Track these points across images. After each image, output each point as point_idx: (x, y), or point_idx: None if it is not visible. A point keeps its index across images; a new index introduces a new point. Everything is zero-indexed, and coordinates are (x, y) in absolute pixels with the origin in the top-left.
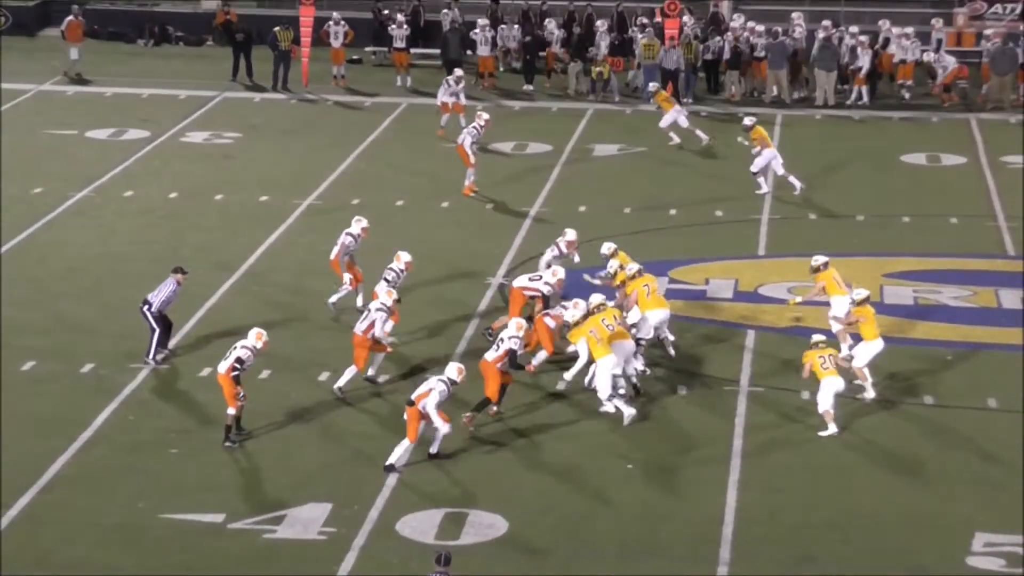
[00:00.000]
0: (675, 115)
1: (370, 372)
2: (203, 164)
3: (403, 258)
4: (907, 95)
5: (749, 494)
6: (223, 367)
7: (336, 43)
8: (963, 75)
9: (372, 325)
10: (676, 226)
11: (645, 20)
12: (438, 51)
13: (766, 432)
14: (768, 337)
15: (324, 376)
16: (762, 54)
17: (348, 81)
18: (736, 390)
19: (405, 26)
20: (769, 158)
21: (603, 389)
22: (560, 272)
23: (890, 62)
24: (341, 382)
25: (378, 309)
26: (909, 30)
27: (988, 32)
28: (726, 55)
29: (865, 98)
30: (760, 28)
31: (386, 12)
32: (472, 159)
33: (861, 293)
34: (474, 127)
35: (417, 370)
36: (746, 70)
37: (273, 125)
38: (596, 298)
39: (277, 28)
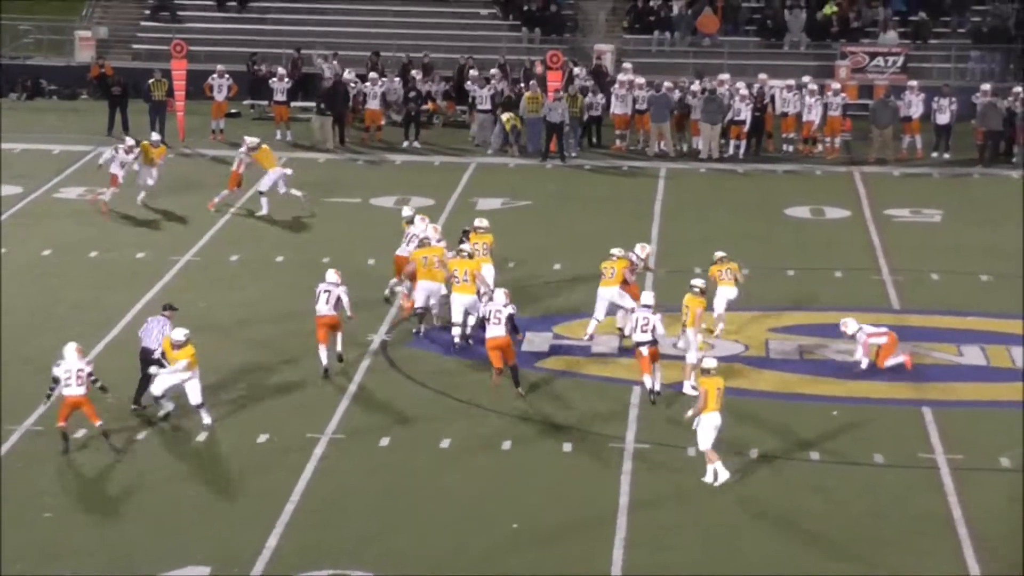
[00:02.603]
0: (276, 176)
1: (338, 349)
2: (77, 221)
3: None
4: (790, 148)
5: (637, 552)
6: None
7: (220, 96)
8: (847, 128)
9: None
10: (561, 280)
11: (494, 74)
12: (320, 104)
13: (653, 489)
14: (666, 395)
15: (202, 437)
16: (644, 107)
17: (227, 135)
18: (622, 447)
19: (286, 79)
20: (275, 178)
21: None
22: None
23: (771, 116)
24: (326, 360)
25: (329, 287)
26: (791, 82)
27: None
28: (613, 109)
29: (742, 151)
30: (641, 81)
31: (262, 66)
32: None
33: (709, 362)
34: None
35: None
36: (630, 123)
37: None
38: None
39: (151, 80)
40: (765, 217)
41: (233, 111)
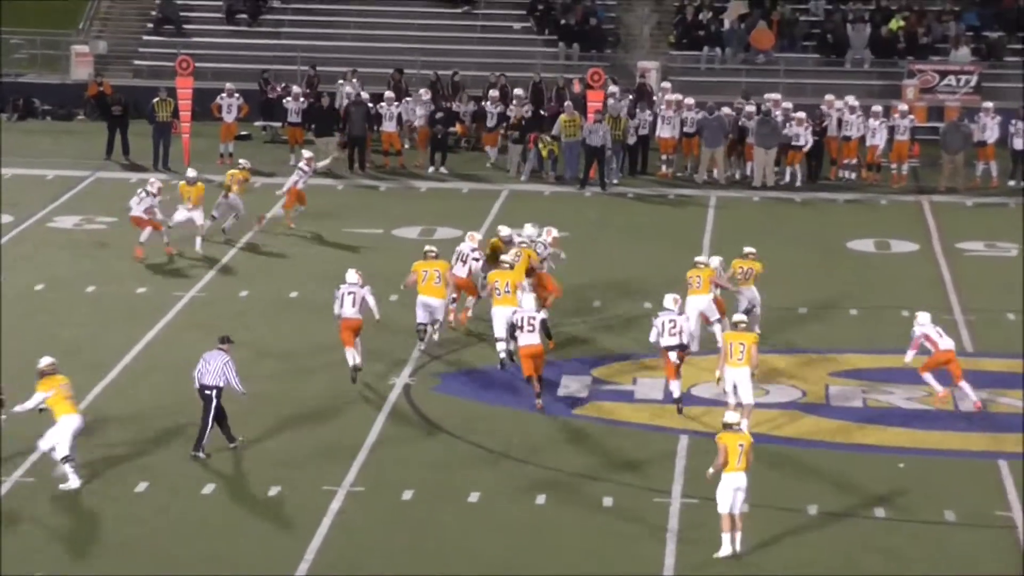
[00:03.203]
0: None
1: (358, 360)
2: (73, 252)
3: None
4: (852, 175)
5: None
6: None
7: (229, 117)
8: (915, 154)
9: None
10: (601, 319)
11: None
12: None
13: (702, 550)
14: (703, 443)
15: (209, 488)
16: (692, 130)
17: (236, 159)
18: (668, 502)
19: (302, 99)
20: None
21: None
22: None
23: (834, 139)
24: (353, 361)
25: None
26: (852, 101)
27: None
28: (660, 132)
29: (800, 178)
30: (691, 101)
31: (278, 84)
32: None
33: (731, 416)
34: (301, 168)
35: None
36: (677, 148)
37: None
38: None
39: (156, 99)
40: (825, 250)
41: (243, 133)
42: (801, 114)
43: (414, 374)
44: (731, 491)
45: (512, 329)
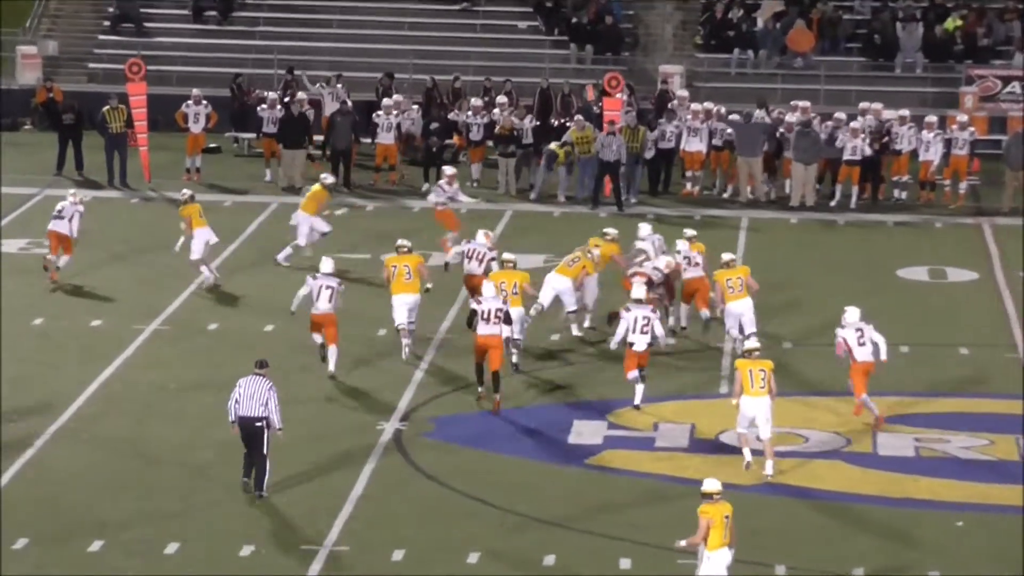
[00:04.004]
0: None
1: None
2: (19, 280)
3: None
4: (903, 194)
5: None
6: None
7: (196, 127)
8: (974, 170)
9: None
10: (617, 357)
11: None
12: (320, 138)
13: None
14: (733, 497)
15: (172, 548)
16: (722, 142)
17: (204, 175)
18: (693, 563)
19: (279, 107)
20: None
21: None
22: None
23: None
24: (332, 367)
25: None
26: (904, 113)
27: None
28: (685, 144)
29: (854, 200)
30: (721, 110)
31: (252, 90)
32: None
33: (711, 484)
34: (441, 186)
35: None
36: (705, 162)
37: (109, 232)
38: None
39: (106, 107)
40: (872, 279)
41: (212, 145)
42: (856, 123)
43: (405, 418)
44: (721, 569)
45: (472, 319)
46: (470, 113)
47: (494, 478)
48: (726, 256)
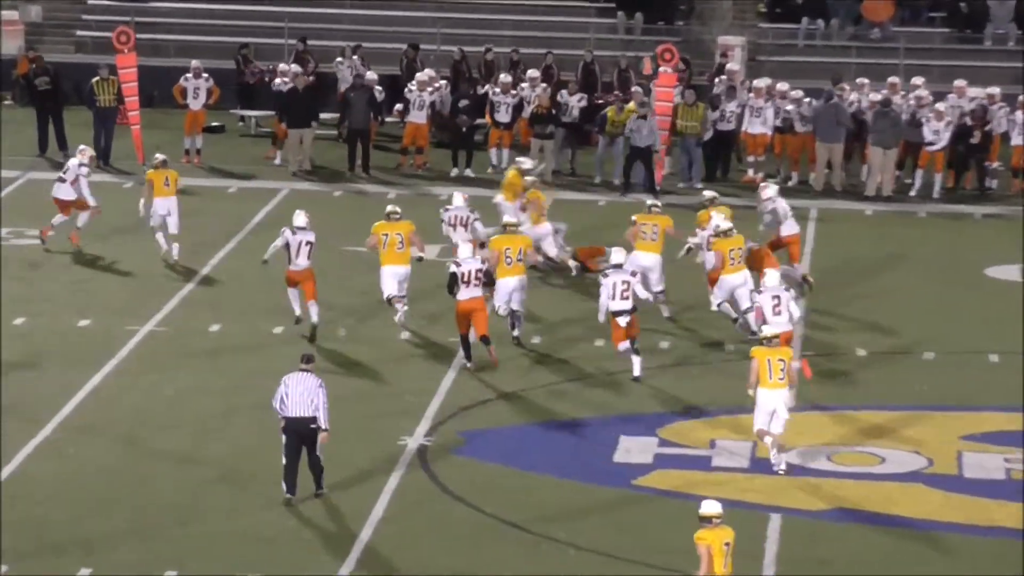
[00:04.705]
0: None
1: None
2: None
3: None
4: (993, 183)
5: None
6: None
7: (196, 104)
8: None
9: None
10: (664, 365)
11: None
12: (336, 116)
13: None
14: (800, 524)
15: (169, 574)
16: (788, 123)
17: (205, 157)
18: None
19: (284, 80)
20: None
21: None
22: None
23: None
24: (314, 318)
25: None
26: (995, 91)
27: None
28: (748, 126)
29: (938, 189)
30: (786, 88)
31: (259, 63)
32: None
33: (710, 507)
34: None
35: None
36: (769, 146)
37: (98, 220)
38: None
39: (95, 79)
40: (958, 279)
41: (215, 124)
42: (941, 105)
43: (431, 432)
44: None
45: (454, 283)
46: (497, 90)
47: (530, 500)
48: (724, 224)
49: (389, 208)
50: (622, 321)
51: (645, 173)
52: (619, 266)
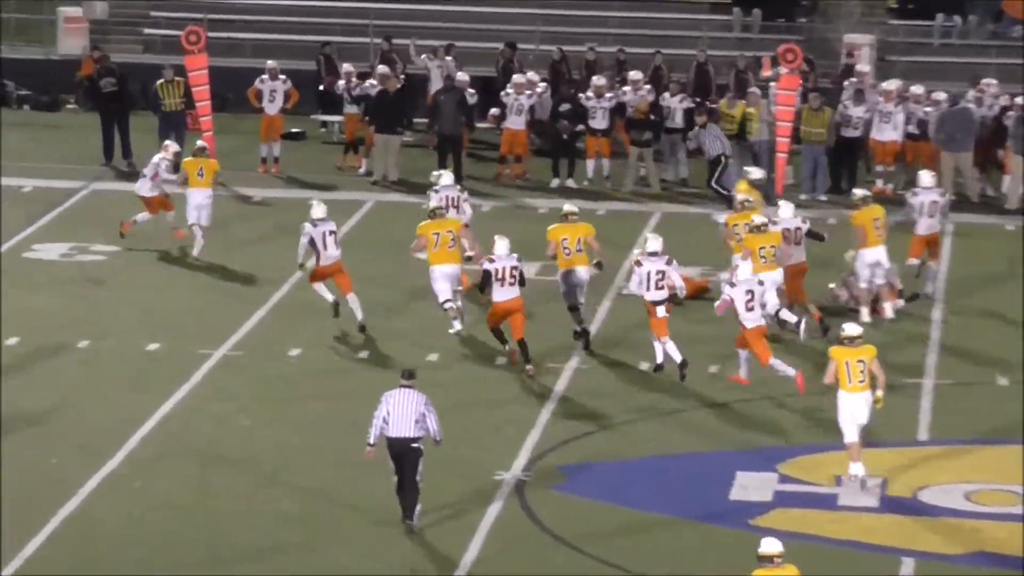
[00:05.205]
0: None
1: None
2: (59, 293)
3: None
4: None
5: None
6: None
7: (272, 108)
8: None
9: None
10: (787, 394)
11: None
12: (425, 121)
13: None
14: (935, 569)
15: None
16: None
17: (284, 166)
18: None
19: (370, 83)
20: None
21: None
22: None
23: None
24: (359, 314)
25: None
26: None
27: None
28: (876, 132)
29: None
30: (921, 91)
31: (343, 64)
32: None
33: (771, 546)
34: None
35: None
36: (900, 154)
37: (166, 235)
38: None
39: (160, 81)
40: None
41: (294, 130)
42: None
43: (529, 467)
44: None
45: (487, 281)
46: (590, 94)
47: (636, 541)
48: (757, 218)
49: (434, 205)
50: (661, 311)
51: (718, 184)
52: (655, 254)
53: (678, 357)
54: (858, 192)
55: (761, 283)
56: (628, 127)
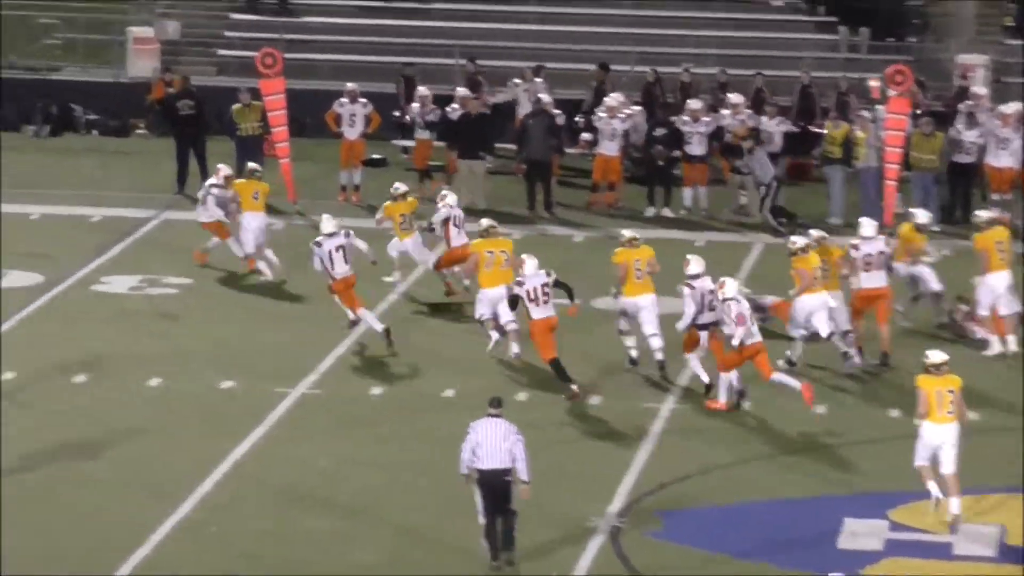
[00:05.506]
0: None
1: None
2: (128, 328)
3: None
4: None
5: None
6: None
7: (353, 133)
8: None
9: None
10: (896, 436)
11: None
12: (513, 147)
13: None
14: None
15: None
16: None
17: (365, 194)
18: None
19: (456, 107)
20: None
21: None
22: None
23: None
24: (378, 326)
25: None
26: None
27: None
28: (991, 158)
29: None
30: None
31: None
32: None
33: None
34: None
35: None
36: (1016, 182)
37: (243, 267)
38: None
39: (236, 105)
40: None
41: (375, 156)
42: None
43: (625, 512)
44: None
45: (515, 302)
46: (685, 118)
47: None
48: (816, 233)
49: (487, 222)
50: (704, 335)
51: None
52: (698, 276)
53: (705, 378)
54: (983, 214)
55: (749, 299)
56: (723, 152)
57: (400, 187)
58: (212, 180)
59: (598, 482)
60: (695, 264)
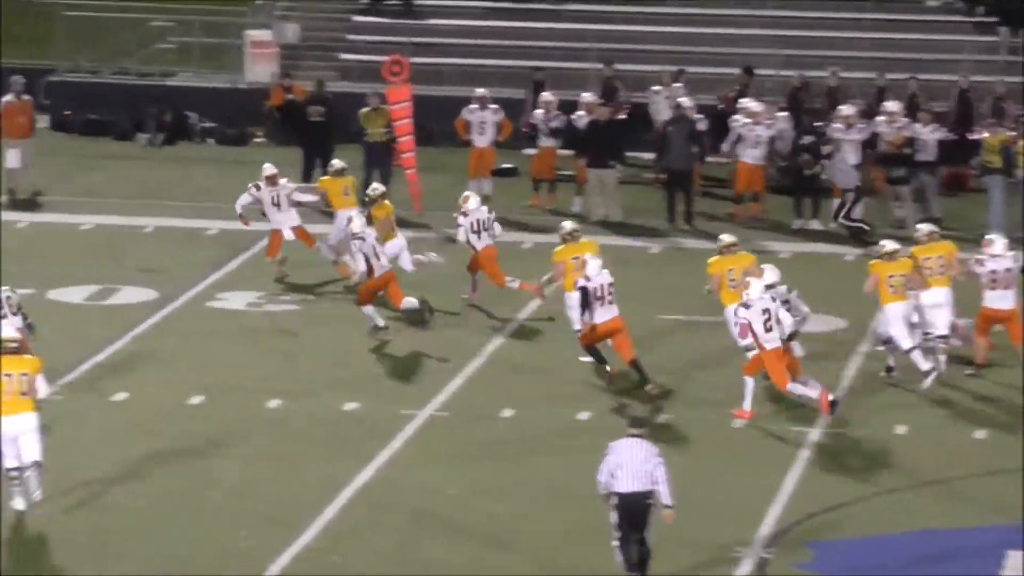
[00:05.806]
0: None
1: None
2: (246, 346)
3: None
4: None
5: None
6: None
7: (482, 140)
8: None
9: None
10: None
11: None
12: (652, 156)
13: None
14: None
15: None
16: None
17: (496, 205)
18: None
19: (581, 113)
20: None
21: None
22: None
23: None
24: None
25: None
26: None
27: None
28: None
29: None
30: None
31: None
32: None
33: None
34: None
35: None
36: None
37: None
38: None
39: (364, 109)
40: None
41: (506, 166)
42: None
43: (773, 543)
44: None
45: (586, 300)
46: (838, 125)
47: None
48: (889, 244)
49: (570, 226)
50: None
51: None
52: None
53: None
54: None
55: (774, 299)
56: (879, 162)
57: (378, 188)
58: (257, 181)
59: (744, 510)
60: (770, 274)
